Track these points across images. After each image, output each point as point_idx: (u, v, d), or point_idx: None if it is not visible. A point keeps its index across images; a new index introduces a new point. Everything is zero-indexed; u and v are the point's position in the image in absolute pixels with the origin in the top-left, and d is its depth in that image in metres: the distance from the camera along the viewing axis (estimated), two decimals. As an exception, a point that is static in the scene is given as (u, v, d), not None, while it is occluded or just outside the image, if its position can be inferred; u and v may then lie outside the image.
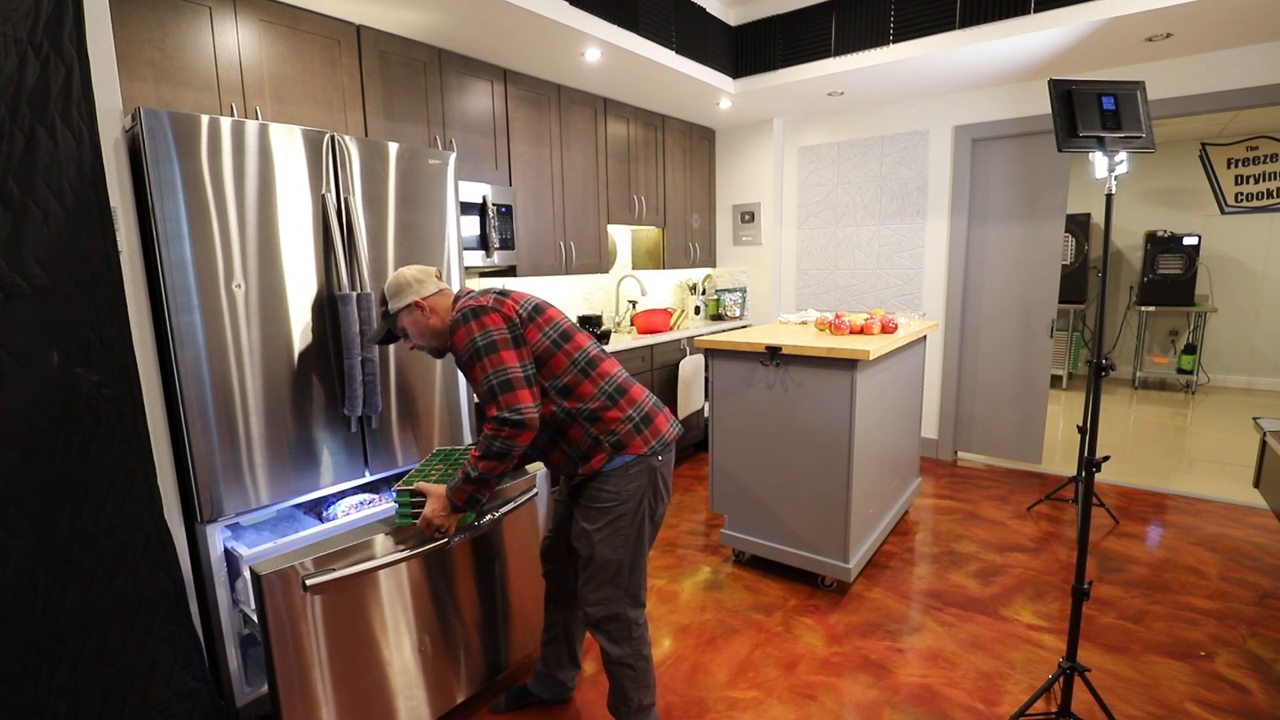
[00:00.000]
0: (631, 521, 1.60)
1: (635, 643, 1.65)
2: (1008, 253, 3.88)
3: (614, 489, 1.58)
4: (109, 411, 1.51)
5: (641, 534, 1.63)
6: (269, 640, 1.47)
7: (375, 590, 1.66)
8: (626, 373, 1.70)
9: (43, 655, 1.42)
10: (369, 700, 1.66)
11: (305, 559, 1.51)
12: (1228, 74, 3.17)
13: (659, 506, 1.66)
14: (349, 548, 1.59)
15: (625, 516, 1.59)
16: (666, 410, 1.71)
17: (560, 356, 1.57)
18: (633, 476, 1.58)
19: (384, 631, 1.68)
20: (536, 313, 1.59)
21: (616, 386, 1.61)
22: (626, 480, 1.58)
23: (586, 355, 1.61)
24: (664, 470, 1.65)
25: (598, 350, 1.65)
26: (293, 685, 1.51)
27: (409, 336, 1.69)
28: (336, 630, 1.58)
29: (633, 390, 1.64)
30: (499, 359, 1.50)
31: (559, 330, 1.60)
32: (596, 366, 1.61)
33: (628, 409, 1.59)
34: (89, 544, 1.49)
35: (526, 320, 1.57)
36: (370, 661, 1.66)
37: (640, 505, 1.60)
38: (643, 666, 1.67)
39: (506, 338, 1.52)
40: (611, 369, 1.64)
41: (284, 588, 1.48)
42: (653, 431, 1.61)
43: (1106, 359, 1.82)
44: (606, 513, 1.58)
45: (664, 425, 1.65)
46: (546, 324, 1.59)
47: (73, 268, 1.44)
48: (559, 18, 2.63)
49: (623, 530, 1.59)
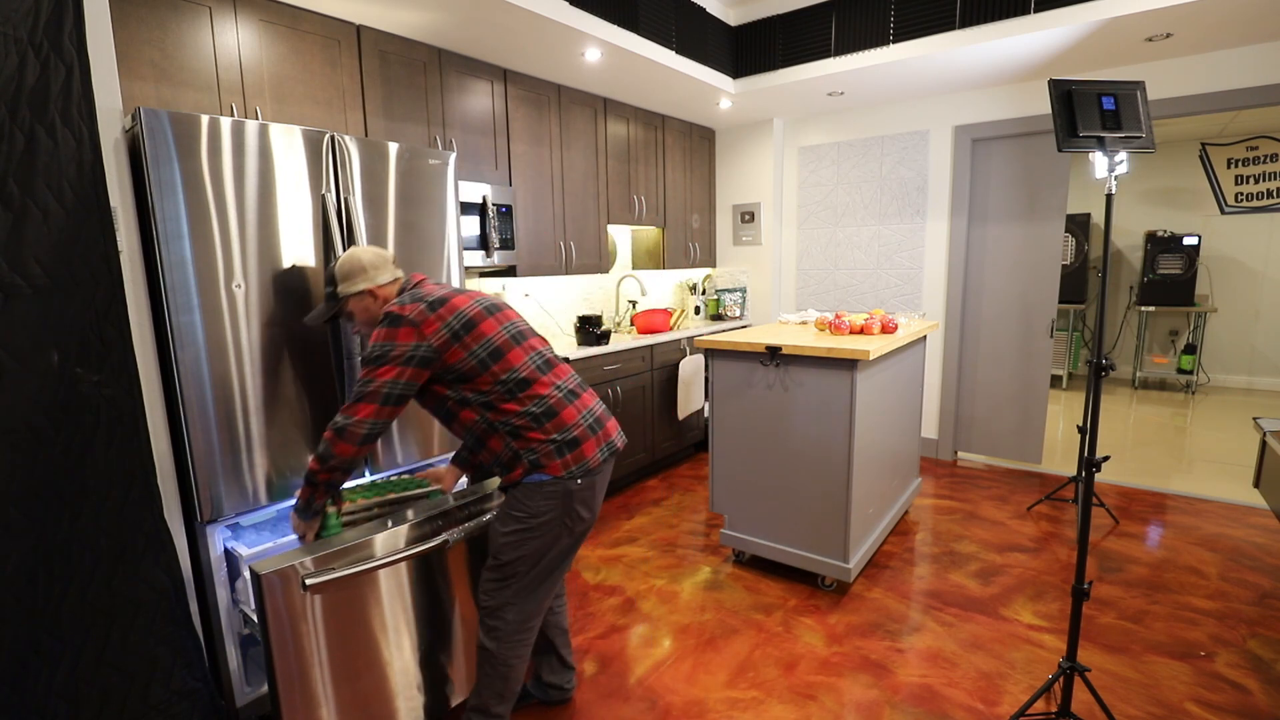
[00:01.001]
0: (540, 538, 1.59)
1: (504, 643, 1.64)
2: (1008, 253, 3.88)
3: (527, 504, 1.57)
4: (109, 411, 1.51)
5: (549, 549, 1.62)
6: (269, 640, 1.47)
7: (375, 590, 1.66)
8: (572, 385, 1.65)
9: (43, 655, 1.42)
10: (369, 700, 1.66)
11: (305, 558, 1.51)
12: (1228, 74, 3.17)
13: (576, 525, 1.63)
14: (348, 547, 1.59)
15: (533, 531, 1.58)
16: (609, 426, 1.67)
17: (486, 376, 1.54)
18: (547, 495, 1.56)
19: (384, 631, 1.68)
20: (466, 329, 1.52)
21: (546, 408, 1.56)
22: (541, 498, 1.56)
23: (517, 376, 1.55)
24: (583, 493, 1.61)
25: (533, 368, 1.59)
26: (293, 685, 1.51)
27: (350, 319, 1.68)
28: (336, 630, 1.58)
29: (565, 412, 1.58)
30: (376, 371, 1.48)
31: (490, 348, 1.54)
32: (527, 388, 1.56)
33: (552, 432, 1.55)
34: (89, 544, 1.49)
35: (450, 340, 1.51)
36: (370, 661, 1.66)
37: (552, 524, 1.59)
38: (503, 670, 1.65)
39: (400, 355, 1.48)
40: (544, 390, 1.58)
41: (284, 587, 1.48)
42: (576, 456, 1.57)
43: (1106, 359, 1.82)
44: (517, 521, 1.58)
45: (591, 451, 1.59)
46: (476, 342, 1.53)
47: (73, 268, 1.44)
48: (559, 18, 2.63)
49: (528, 543, 1.59)
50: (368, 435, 1.49)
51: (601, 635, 2.32)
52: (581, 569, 2.83)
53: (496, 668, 1.65)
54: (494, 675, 1.65)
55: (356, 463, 1.54)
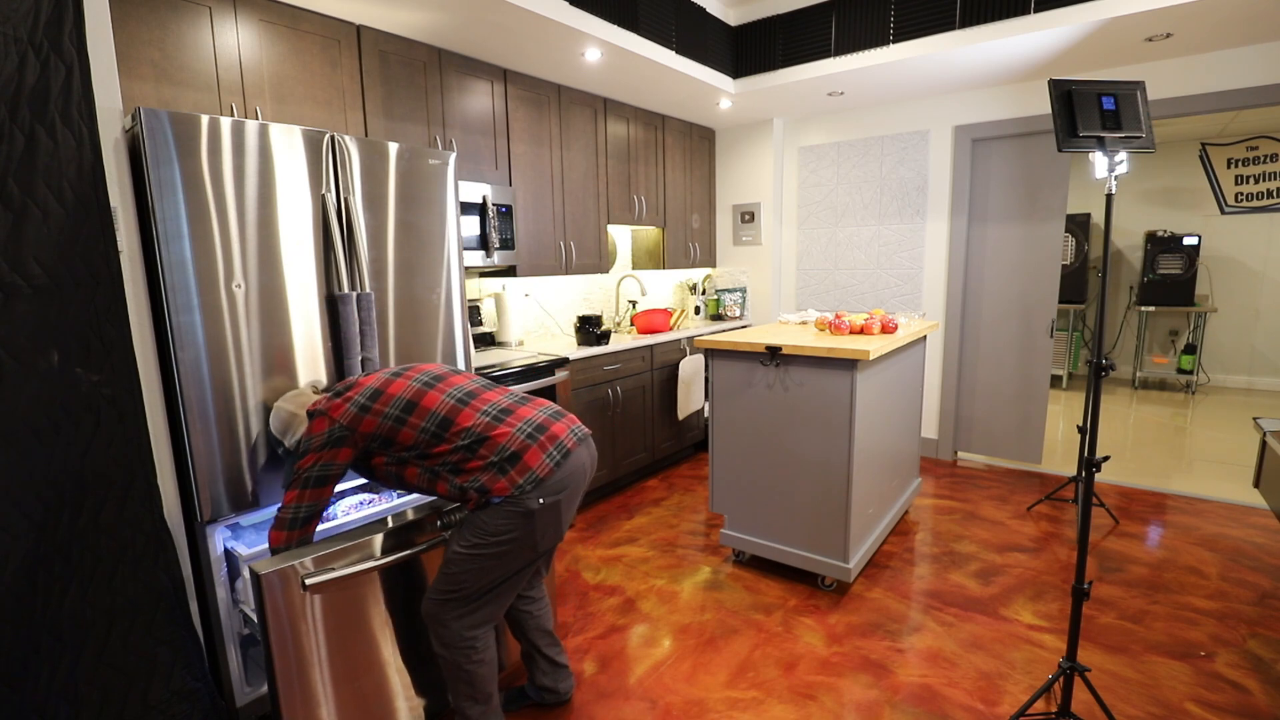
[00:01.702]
0: (497, 559, 1.57)
1: (459, 652, 1.62)
2: (1008, 253, 3.88)
3: (487, 523, 1.55)
4: (109, 411, 1.51)
5: (506, 570, 1.61)
6: (269, 640, 1.47)
7: (374, 589, 1.66)
8: (505, 404, 1.63)
9: (43, 655, 1.42)
10: (368, 700, 1.66)
11: (304, 558, 1.51)
12: (1228, 74, 3.17)
13: (543, 542, 1.61)
14: (348, 547, 1.59)
15: (489, 550, 1.55)
16: (555, 429, 1.61)
17: (406, 430, 1.57)
18: (505, 515, 1.54)
19: (383, 631, 1.68)
20: (374, 399, 1.59)
21: (475, 437, 1.55)
22: (500, 517, 1.54)
23: (437, 418, 1.57)
24: (546, 515, 1.57)
25: (455, 401, 1.60)
26: (292, 684, 1.51)
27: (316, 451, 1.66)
28: (336, 630, 1.58)
29: (495, 432, 1.55)
30: (302, 462, 1.58)
31: (402, 404, 1.58)
32: (451, 426, 1.56)
33: (488, 455, 1.53)
34: (89, 544, 1.49)
35: (359, 415, 1.58)
36: (370, 661, 1.66)
37: (512, 545, 1.56)
38: (465, 676, 1.63)
39: (318, 444, 1.57)
40: (468, 421, 1.57)
41: (283, 587, 1.48)
42: (520, 469, 1.52)
43: (1106, 359, 1.82)
44: (475, 538, 1.56)
45: (536, 459, 1.54)
46: (386, 404, 1.58)
47: (73, 268, 1.44)
48: (559, 18, 2.63)
49: (481, 561, 1.57)
50: (293, 519, 1.57)
51: (601, 635, 2.32)
52: (581, 569, 2.83)
53: (456, 672, 1.64)
54: (456, 679, 1.64)
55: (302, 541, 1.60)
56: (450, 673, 1.65)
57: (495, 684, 1.71)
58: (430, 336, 2.22)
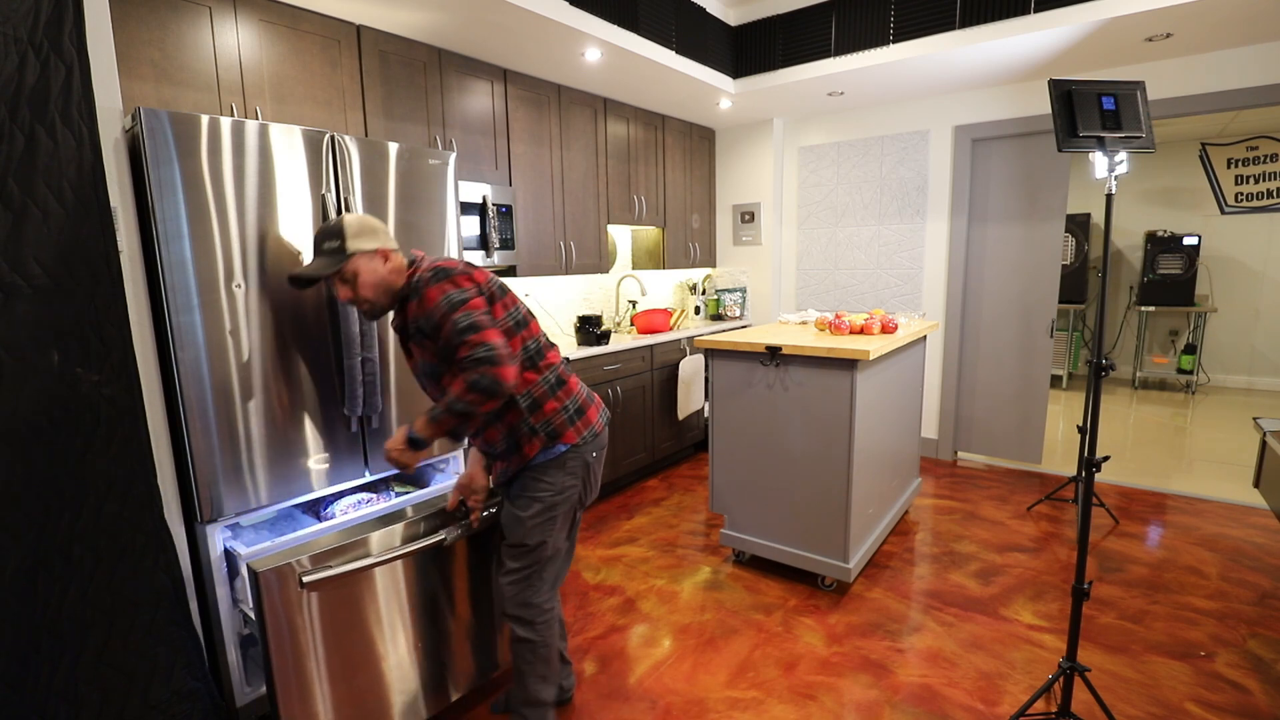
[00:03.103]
0: (563, 513, 1.66)
1: (542, 628, 1.68)
2: (1008, 253, 3.88)
3: (551, 480, 1.63)
4: (109, 411, 1.51)
5: (571, 524, 1.72)
6: (266, 636, 1.48)
7: (371, 588, 1.66)
8: (565, 364, 1.75)
9: (43, 655, 1.42)
10: (364, 697, 1.66)
11: (302, 556, 1.51)
12: (1228, 74, 3.17)
13: (588, 496, 1.74)
14: (345, 545, 1.59)
15: (559, 506, 1.64)
16: (598, 401, 1.78)
17: (516, 340, 1.58)
18: (569, 470, 1.64)
19: (380, 629, 1.69)
20: (502, 292, 1.61)
21: (558, 377, 1.65)
22: (563, 474, 1.64)
23: (538, 344, 1.64)
24: (596, 465, 1.72)
25: (546, 340, 1.70)
26: (290, 681, 1.51)
27: (348, 283, 1.54)
28: (333, 627, 1.58)
29: (570, 381, 1.69)
30: (471, 306, 1.47)
31: (518, 315, 1.62)
32: (544, 356, 1.65)
33: (564, 399, 1.64)
34: (89, 544, 1.49)
35: (495, 295, 1.58)
36: (366, 658, 1.66)
37: (572, 497, 1.67)
38: (545, 654, 1.69)
39: (481, 297, 1.52)
40: (556, 359, 1.68)
41: (280, 585, 1.48)
42: (584, 423, 1.66)
43: (1106, 359, 1.82)
44: (541, 501, 1.63)
45: (595, 416, 1.71)
46: (510, 305, 1.61)
47: (73, 267, 1.44)
48: (559, 18, 2.63)
49: (555, 520, 1.65)
50: (506, 355, 1.43)
51: (601, 635, 2.32)
52: (581, 569, 2.83)
53: (539, 652, 1.68)
54: (537, 661, 1.68)
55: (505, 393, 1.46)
56: (533, 658, 1.69)
57: None
58: (430, 336, 2.22)
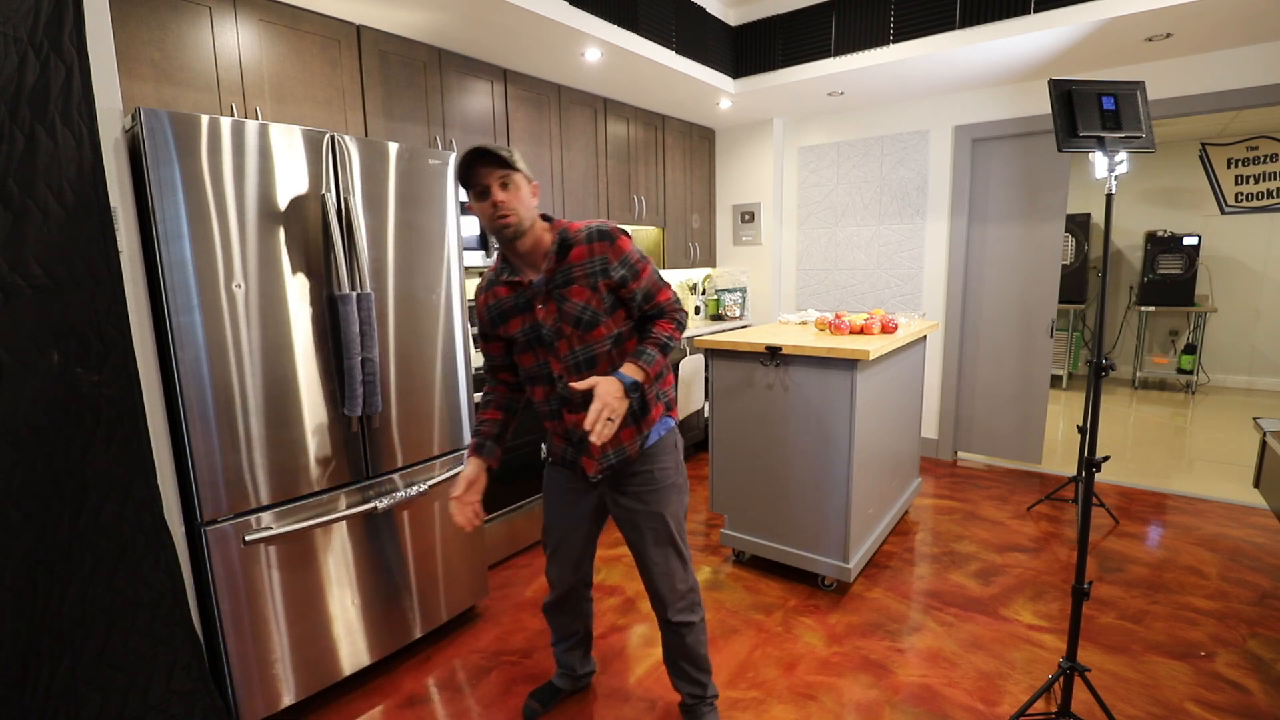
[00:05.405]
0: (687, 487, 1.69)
1: (701, 607, 1.74)
2: (1008, 253, 3.88)
3: (674, 462, 1.64)
4: (109, 411, 1.51)
5: None
6: (215, 591, 1.72)
7: (313, 547, 1.88)
8: None
9: (43, 655, 1.42)
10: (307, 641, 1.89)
11: (250, 517, 1.76)
12: (1228, 74, 3.17)
13: None
14: (286, 510, 1.81)
15: (684, 484, 1.66)
16: None
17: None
18: (679, 446, 1.67)
19: (320, 583, 1.91)
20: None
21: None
22: (678, 452, 1.66)
23: None
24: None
25: None
26: (243, 626, 1.76)
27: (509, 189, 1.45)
28: (280, 582, 1.82)
29: None
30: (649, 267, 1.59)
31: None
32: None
33: (670, 379, 1.68)
34: (89, 544, 1.49)
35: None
36: (310, 611, 1.90)
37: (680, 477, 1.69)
38: (706, 639, 1.76)
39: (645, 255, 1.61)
40: None
41: (225, 542, 1.71)
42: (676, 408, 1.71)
43: (1106, 359, 1.82)
44: (674, 488, 1.63)
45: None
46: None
47: (73, 268, 1.44)
48: (559, 18, 2.63)
49: (685, 500, 1.67)
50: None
51: (601, 635, 2.32)
52: (581, 569, 2.83)
53: (699, 640, 1.72)
54: (700, 646, 1.71)
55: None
56: (702, 636, 1.72)
57: None
58: (430, 337, 2.22)
